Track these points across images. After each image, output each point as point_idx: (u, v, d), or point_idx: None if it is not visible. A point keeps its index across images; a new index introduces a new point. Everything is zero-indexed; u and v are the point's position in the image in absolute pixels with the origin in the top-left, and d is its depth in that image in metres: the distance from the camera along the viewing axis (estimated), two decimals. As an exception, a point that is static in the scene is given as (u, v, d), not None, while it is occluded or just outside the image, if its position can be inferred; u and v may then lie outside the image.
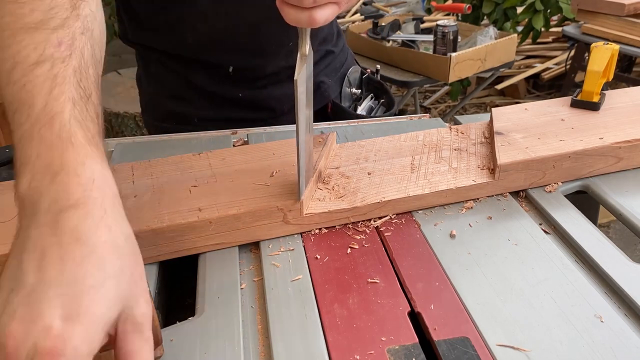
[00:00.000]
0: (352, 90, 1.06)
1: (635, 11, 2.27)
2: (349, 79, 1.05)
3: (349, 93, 1.06)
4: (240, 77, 0.92)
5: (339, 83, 1.03)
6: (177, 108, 0.96)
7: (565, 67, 2.99)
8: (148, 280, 0.55)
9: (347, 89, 1.05)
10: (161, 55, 0.92)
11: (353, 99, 1.07)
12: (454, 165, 0.69)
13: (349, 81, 1.05)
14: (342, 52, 1.05)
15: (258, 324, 0.51)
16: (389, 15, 2.65)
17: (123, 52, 4.08)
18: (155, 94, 0.99)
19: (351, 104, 1.07)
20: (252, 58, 0.90)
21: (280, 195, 0.61)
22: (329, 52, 1.01)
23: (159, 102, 0.98)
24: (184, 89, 0.95)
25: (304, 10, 0.48)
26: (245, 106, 0.96)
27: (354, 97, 1.07)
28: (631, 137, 0.70)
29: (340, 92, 1.04)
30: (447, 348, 0.47)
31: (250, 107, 0.96)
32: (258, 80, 0.93)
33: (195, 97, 0.95)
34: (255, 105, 0.96)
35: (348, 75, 1.04)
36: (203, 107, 0.96)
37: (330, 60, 1.01)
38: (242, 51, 0.89)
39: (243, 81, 0.93)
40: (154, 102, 1.00)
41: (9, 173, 0.76)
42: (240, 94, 0.94)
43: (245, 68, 0.91)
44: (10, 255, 0.38)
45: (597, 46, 0.78)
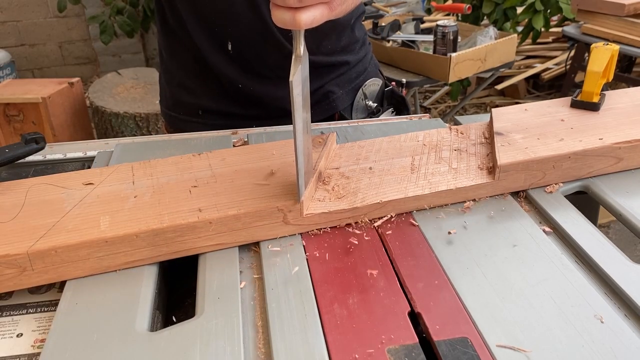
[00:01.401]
0: (368, 103, 1.03)
1: (635, 11, 2.28)
2: (365, 91, 1.02)
3: (363, 105, 1.03)
4: (240, 60, 0.92)
5: (351, 94, 1.01)
6: (184, 98, 1.00)
7: (565, 67, 2.99)
8: (148, 280, 0.56)
9: (362, 102, 1.02)
10: (174, 23, 0.94)
11: (368, 112, 1.04)
12: (454, 165, 0.69)
13: (364, 93, 1.02)
14: (361, 63, 1.03)
15: (258, 324, 0.51)
16: (389, 15, 2.65)
17: (123, 52, 4.09)
18: (167, 83, 1.04)
19: (365, 116, 1.04)
20: (251, 36, 0.90)
21: (280, 195, 0.61)
22: (344, 62, 0.99)
23: (169, 91, 1.03)
24: (189, 77, 0.97)
25: (288, 10, 0.48)
26: (245, 101, 0.96)
27: (369, 110, 1.04)
28: (631, 138, 0.70)
29: (352, 104, 1.02)
30: (447, 348, 0.47)
31: (250, 102, 0.96)
32: (257, 70, 0.93)
33: (198, 86, 0.97)
34: (255, 100, 0.96)
35: (363, 87, 1.02)
36: (207, 98, 0.97)
37: (344, 70, 1.00)
38: (240, 26, 0.89)
39: (243, 65, 0.93)
40: (165, 91, 1.05)
41: (9, 173, 0.76)
42: (240, 84, 0.94)
43: (243, 47, 0.91)
44: None
45: (597, 46, 0.78)
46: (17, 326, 0.53)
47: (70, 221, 0.58)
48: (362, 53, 1.03)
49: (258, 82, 0.94)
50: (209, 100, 0.98)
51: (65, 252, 0.54)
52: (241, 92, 0.95)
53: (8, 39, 3.75)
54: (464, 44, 2.31)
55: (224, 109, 0.98)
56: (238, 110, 0.97)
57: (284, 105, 0.97)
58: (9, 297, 0.57)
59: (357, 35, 1.01)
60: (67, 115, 2.48)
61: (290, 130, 0.89)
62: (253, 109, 0.97)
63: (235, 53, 0.92)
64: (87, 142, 0.86)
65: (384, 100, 1.06)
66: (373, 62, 1.08)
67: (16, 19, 3.74)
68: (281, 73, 0.94)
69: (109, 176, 0.66)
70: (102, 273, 0.57)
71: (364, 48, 1.04)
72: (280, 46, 0.91)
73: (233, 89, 0.95)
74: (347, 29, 0.98)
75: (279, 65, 0.93)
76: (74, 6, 3.24)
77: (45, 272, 0.55)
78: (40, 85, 2.46)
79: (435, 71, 2.13)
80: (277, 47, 0.91)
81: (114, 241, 0.55)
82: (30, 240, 0.54)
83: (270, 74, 0.94)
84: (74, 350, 0.48)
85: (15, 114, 2.38)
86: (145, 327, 0.50)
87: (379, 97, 1.05)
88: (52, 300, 0.56)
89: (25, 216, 0.59)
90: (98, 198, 0.62)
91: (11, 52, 3.46)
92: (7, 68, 3.32)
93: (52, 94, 2.36)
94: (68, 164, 0.79)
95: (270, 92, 0.96)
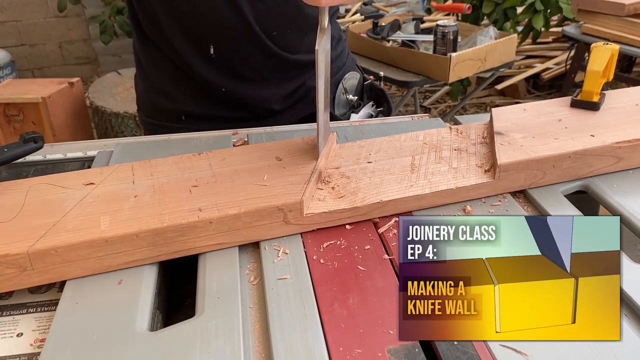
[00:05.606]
0: (349, 97, 1.04)
1: (635, 11, 2.28)
2: (345, 85, 1.03)
3: (344, 100, 1.04)
4: (223, 63, 0.92)
5: (332, 89, 1.02)
6: (164, 104, 0.98)
7: (565, 67, 2.99)
8: (148, 280, 0.56)
9: (343, 96, 1.03)
10: (152, 31, 0.92)
11: (350, 105, 1.05)
12: (454, 165, 0.69)
13: (344, 87, 1.03)
14: (339, 58, 1.04)
15: (258, 323, 0.51)
16: (389, 15, 2.65)
17: (123, 52, 4.09)
18: (145, 91, 1.01)
19: (347, 111, 1.05)
20: (233, 37, 0.89)
21: (280, 195, 0.61)
22: None
23: (148, 99, 1.01)
24: (170, 84, 0.96)
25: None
26: (230, 103, 0.95)
27: (350, 104, 1.05)
28: (631, 137, 0.70)
29: (334, 98, 1.03)
30: (447, 348, 0.47)
31: (234, 104, 0.95)
32: (241, 72, 0.93)
33: (180, 92, 0.96)
34: (239, 102, 0.95)
35: (343, 81, 1.03)
36: (190, 103, 0.96)
37: None
38: (222, 29, 0.88)
39: (226, 69, 0.92)
40: (144, 98, 1.02)
41: (9, 173, 0.76)
42: (224, 87, 0.93)
43: (225, 50, 0.90)
44: None
45: (597, 46, 0.78)
46: (17, 326, 0.53)
47: (70, 221, 0.58)
48: (339, 49, 1.04)
49: (242, 84, 0.94)
50: (192, 105, 0.96)
51: (65, 251, 0.54)
52: (225, 95, 0.94)
53: (8, 39, 3.75)
54: (464, 44, 2.31)
55: (208, 113, 0.96)
56: (223, 113, 0.96)
57: (270, 105, 0.97)
58: (9, 297, 0.57)
59: (332, 34, 1.01)
60: (67, 115, 2.48)
61: (290, 130, 0.90)
62: (238, 111, 0.96)
63: (218, 56, 0.90)
64: (87, 142, 0.86)
65: (363, 94, 1.07)
66: (350, 57, 1.09)
67: (16, 19, 3.74)
68: (265, 73, 0.94)
69: (109, 176, 0.66)
70: (102, 273, 0.57)
71: (340, 44, 1.05)
72: (263, 46, 0.90)
73: (216, 92, 0.94)
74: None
75: (263, 66, 0.93)
76: (74, 6, 3.24)
77: (46, 272, 0.55)
78: (40, 85, 2.46)
79: (435, 71, 2.13)
80: (260, 47, 0.90)
81: (114, 241, 0.55)
82: (30, 240, 0.54)
83: (253, 75, 0.93)
84: (74, 350, 0.48)
85: (15, 114, 2.38)
86: (145, 327, 0.50)
87: (358, 90, 1.07)
88: (52, 300, 0.56)
89: (25, 216, 0.59)
90: (98, 198, 0.62)
91: (11, 52, 3.46)
92: (7, 68, 3.32)
93: (52, 94, 2.36)
94: (68, 164, 0.79)
95: (255, 93, 0.95)
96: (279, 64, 0.94)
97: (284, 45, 0.92)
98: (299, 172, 0.65)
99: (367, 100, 1.07)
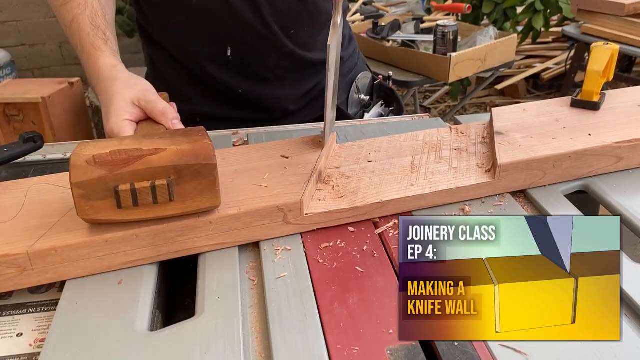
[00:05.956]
0: (361, 96, 1.05)
1: (635, 11, 2.27)
2: (358, 85, 1.04)
3: (357, 99, 1.05)
4: (239, 66, 0.92)
5: (346, 89, 1.03)
6: (179, 106, 0.97)
7: (565, 67, 2.98)
8: (148, 280, 0.56)
9: (356, 95, 1.04)
10: (165, 37, 0.92)
11: (362, 105, 1.06)
12: (454, 165, 0.69)
13: (357, 87, 1.04)
14: (351, 58, 1.04)
15: (258, 323, 0.51)
16: (389, 15, 2.65)
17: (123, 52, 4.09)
18: (159, 91, 1.00)
19: (359, 110, 1.06)
20: (251, 38, 0.89)
21: (280, 195, 0.61)
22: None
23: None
24: (185, 86, 0.96)
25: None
26: (245, 105, 0.96)
27: (362, 104, 1.06)
28: (631, 137, 0.70)
29: (348, 98, 1.03)
30: (447, 348, 0.47)
31: (250, 105, 0.96)
32: (257, 73, 0.93)
33: (195, 94, 0.96)
34: (255, 103, 0.96)
35: (357, 81, 1.04)
36: (205, 105, 0.96)
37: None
38: (242, 31, 0.88)
39: (242, 70, 0.92)
40: None
41: (9, 173, 0.76)
42: (240, 89, 0.94)
43: (242, 51, 0.90)
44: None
45: (597, 46, 0.78)
46: (17, 326, 0.53)
47: (70, 221, 0.57)
48: (351, 48, 1.05)
49: (258, 85, 0.94)
50: (207, 106, 0.96)
51: (65, 251, 0.54)
52: (241, 97, 0.95)
53: (8, 39, 3.75)
54: (464, 44, 2.31)
55: (224, 114, 0.97)
56: (238, 114, 0.96)
57: (286, 105, 0.97)
58: (9, 297, 0.57)
59: (344, 32, 1.02)
60: (67, 115, 2.48)
61: (290, 130, 0.90)
62: (254, 112, 0.97)
63: (235, 58, 0.91)
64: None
65: (373, 93, 1.08)
66: (361, 57, 1.09)
67: (16, 19, 3.74)
68: (281, 73, 0.94)
69: (109, 176, 0.66)
70: (102, 273, 0.57)
71: (352, 43, 1.06)
72: (280, 45, 0.91)
73: (232, 94, 0.95)
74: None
75: (279, 66, 0.93)
76: (74, 6, 3.23)
77: (46, 271, 0.55)
78: (40, 85, 2.46)
79: (435, 71, 2.13)
80: (277, 46, 0.91)
81: (114, 241, 0.55)
82: (30, 240, 0.54)
83: (270, 75, 0.94)
84: (74, 350, 0.47)
85: (15, 114, 2.38)
86: (145, 327, 0.50)
87: (369, 90, 1.07)
88: (52, 300, 0.56)
89: (25, 216, 0.59)
90: (98, 198, 0.62)
91: (11, 52, 3.45)
92: (7, 68, 3.32)
93: (52, 94, 2.36)
94: (68, 164, 0.79)
95: (271, 94, 0.95)
96: (295, 63, 0.95)
97: (300, 43, 0.93)
98: (299, 172, 0.65)
99: (377, 99, 1.08)
